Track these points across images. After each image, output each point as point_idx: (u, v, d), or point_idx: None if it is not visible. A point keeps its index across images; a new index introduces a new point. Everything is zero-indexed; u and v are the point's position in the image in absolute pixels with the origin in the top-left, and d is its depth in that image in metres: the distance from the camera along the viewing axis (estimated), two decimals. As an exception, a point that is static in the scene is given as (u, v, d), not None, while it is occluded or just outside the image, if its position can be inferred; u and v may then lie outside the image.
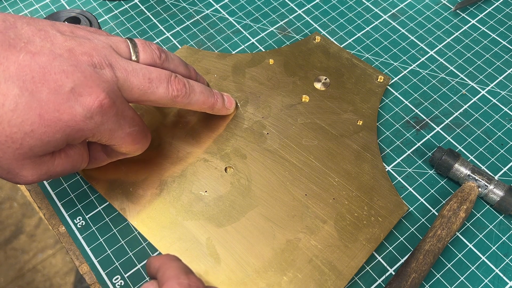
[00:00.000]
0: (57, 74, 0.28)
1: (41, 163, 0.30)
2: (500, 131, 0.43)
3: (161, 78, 0.34)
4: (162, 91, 0.34)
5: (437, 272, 0.36)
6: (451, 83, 0.46)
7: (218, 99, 0.39)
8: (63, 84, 0.28)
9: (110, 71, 0.31)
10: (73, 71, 0.29)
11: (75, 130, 0.29)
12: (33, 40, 0.29)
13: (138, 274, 0.36)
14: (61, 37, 0.30)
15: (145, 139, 0.35)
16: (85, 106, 0.29)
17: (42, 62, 0.28)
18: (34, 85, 0.27)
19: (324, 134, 0.41)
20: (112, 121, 0.31)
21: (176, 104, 0.36)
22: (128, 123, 0.32)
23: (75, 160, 0.33)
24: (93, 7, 0.53)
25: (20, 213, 1.13)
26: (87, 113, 0.29)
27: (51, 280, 1.05)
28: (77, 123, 0.29)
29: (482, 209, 0.39)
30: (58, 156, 0.31)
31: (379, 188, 0.38)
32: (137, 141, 0.34)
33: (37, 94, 0.27)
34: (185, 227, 0.37)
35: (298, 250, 0.36)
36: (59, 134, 0.28)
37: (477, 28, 0.50)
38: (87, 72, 0.29)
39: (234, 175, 0.39)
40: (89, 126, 0.29)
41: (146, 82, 0.33)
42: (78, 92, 0.29)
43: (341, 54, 0.47)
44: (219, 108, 0.40)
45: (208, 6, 0.53)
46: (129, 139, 0.33)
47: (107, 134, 0.31)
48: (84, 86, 0.29)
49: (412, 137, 0.43)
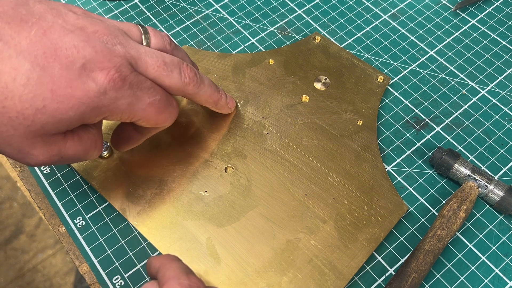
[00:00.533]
0: (68, 50, 0.28)
1: (53, 142, 0.29)
2: (500, 131, 0.43)
3: (174, 63, 0.33)
4: (176, 76, 0.33)
5: (437, 272, 0.36)
6: (451, 83, 0.46)
7: (223, 95, 0.39)
8: (74, 59, 0.28)
9: (122, 47, 0.30)
10: (84, 47, 0.28)
11: (89, 108, 0.28)
12: (45, 17, 0.28)
13: (138, 274, 0.36)
14: (73, 16, 0.30)
15: (171, 107, 0.34)
16: (97, 81, 0.28)
17: (53, 38, 0.28)
18: (45, 60, 0.27)
19: (324, 134, 0.41)
20: (128, 94, 0.30)
21: (186, 93, 0.35)
22: (147, 94, 0.31)
23: (88, 145, 0.32)
24: (93, 7, 0.53)
25: (20, 213, 1.13)
26: (100, 88, 0.28)
27: (51, 280, 1.05)
28: (91, 100, 0.28)
29: (482, 209, 0.39)
30: (71, 137, 0.30)
31: (379, 188, 0.38)
32: (161, 110, 0.33)
33: (48, 69, 0.27)
34: (185, 227, 0.37)
35: (298, 250, 0.36)
36: (73, 112, 0.28)
37: (477, 28, 0.50)
38: (98, 48, 0.29)
39: (234, 175, 0.39)
40: (104, 102, 0.29)
41: (161, 64, 0.32)
42: (90, 68, 0.28)
43: (341, 54, 0.47)
44: (222, 105, 0.40)
45: (208, 6, 0.53)
46: (152, 109, 0.32)
47: (126, 109, 0.30)
48: (96, 61, 0.28)
49: (412, 137, 0.43)
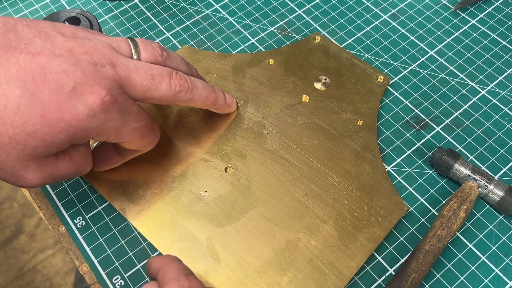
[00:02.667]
0: (57, 74, 0.28)
1: (45, 165, 0.30)
2: (500, 131, 0.43)
3: (163, 74, 0.34)
4: (165, 87, 0.33)
5: (437, 272, 0.36)
6: (451, 83, 0.46)
7: (220, 95, 0.39)
8: (64, 83, 0.28)
9: (111, 69, 0.30)
10: (74, 70, 0.29)
11: (78, 130, 0.29)
12: (34, 41, 0.29)
13: (138, 274, 0.36)
14: (61, 38, 0.30)
15: (153, 133, 0.35)
16: (87, 104, 0.29)
17: (42, 62, 0.28)
18: (35, 86, 0.27)
19: (324, 134, 0.41)
20: (117, 117, 0.30)
21: (179, 101, 0.35)
22: (134, 118, 0.32)
23: (79, 163, 0.33)
24: (93, 7, 0.53)
25: (20, 213, 1.13)
26: (90, 111, 0.29)
27: (51, 280, 1.05)
28: (80, 122, 0.29)
29: (482, 209, 0.39)
30: (62, 158, 0.31)
31: (379, 188, 0.38)
32: (144, 135, 0.34)
33: (38, 94, 0.27)
34: (185, 227, 0.37)
35: (298, 250, 0.36)
36: (62, 135, 0.28)
37: (477, 28, 0.50)
38: (87, 71, 0.29)
39: (234, 175, 0.39)
40: (92, 125, 0.29)
41: (149, 79, 0.32)
42: (80, 91, 0.28)
43: (341, 54, 0.47)
44: (222, 104, 0.40)
45: (208, 6, 0.53)
46: (136, 134, 0.33)
47: (113, 131, 0.31)
48: (85, 84, 0.29)
49: (412, 137, 0.43)
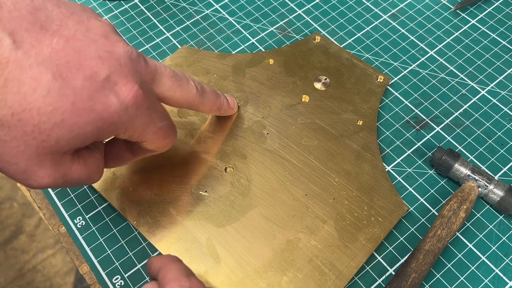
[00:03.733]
0: (93, 60, 0.26)
1: (61, 163, 0.28)
2: (500, 131, 0.43)
3: (182, 74, 0.34)
4: (185, 85, 0.33)
5: (437, 272, 0.36)
6: (451, 83, 0.46)
7: (225, 100, 0.40)
8: (98, 70, 0.27)
9: (144, 61, 0.30)
10: (109, 58, 0.27)
11: (107, 123, 0.27)
12: (67, 23, 0.27)
13: (138, 274, 0.36)
14: (95, 22, 0.28)
15: (174, 134, 0.34)
16: (120, 96, 0.27)
17: (77, 47, 0.26)
18: (69, 71, 0.26)
19: (324, 134, 0.41)
20: (146, 114, 0.29)
21: (193, 102, 0.35)
22: (159, 117, 0.31)
23: (92, 169, 0.31)
24: (93, 7, 0.53)
25: (20, 213, 1.13)
26: (122, 104, 0.27)
27: (51, 280, 1.05)
28: (110, 115, 0.27)
29: (482, 209, 0.39)
30: (77, 161, 0.29)
31: (379, 188, 0.38)
32: (167, 135, 0.33)
33: (71, 80, 0.26)
34: (185, 227, 0.37)
35: (298, 250, 0.36)
36: (90, 127, 0.27)
37: (477, 28, 0.50)
38: (122, 60, 0.28)
39: (234, 175, 0.39)
40: (122, 119, 0.28)
41: (173, 74, 0.32)
42: (113, 81, 0.27)
43: (341, 54, 0.47)
44: (226, 109, 0.40)
45: (208, 6, 0.53)
46: (160, 133, 0.32)
47: (140, 128, 0.30)
48: (120, 74, 0.27)
49: (412, 137, 0.43)
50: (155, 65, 0.31)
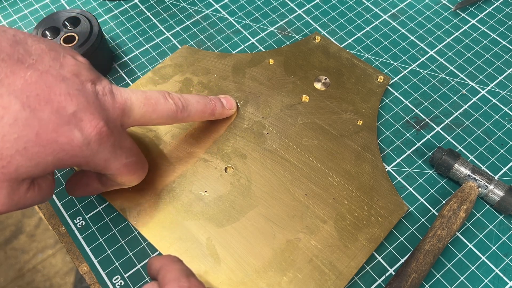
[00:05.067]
0: (62, 96, 0.28)
1: (16, 192, 0.28)
2: (500, 131, 0.43)
3: (156, 95, 0.34)
4: (161, 106, 0.34)
5: (437, 272, 0.36)
6: (451, 83, 0.46)
7: (217, 104, 0.40)
8: (66, 106, 0.28)
9: (111, 98, 0.31)
10: (78, 95, 0.28)
11: (68, 155, 0.28)
12: (43, 59, 0.28)
13: (138, 274, 0.36)
14: (71, 60, 0.30)
15: (142, 170, 0.35)
16: (84, 131, 0.28)
17: (49, 82, 0.28)
18: (37, 103, 0.27)
19: (324, 134, 0.41)
20: (109, 150, 0.30)
21: (177, 118, 0.36)
22: (125, 154, 0.32)
23: (45, 193, 0.31)
24: (93, 7, 0.53)
25: (20, 213, 1.13)
26: (85, 139, 0.28)
27: (51, 280, 1.05)
28: (73, 148, 0.28)
29: (482, 209, 0.39)
30: (32, 188, 0.30)
31: (379, 188, 0.38)
32: (132, 172, 0.34)
33: (38, 112, 0.27)
34: (185, 227, 0.37)
35: (298, 250, 0.36)
36: (51, 157, 0.28)
37: (477, 28, 0.50)
38: (90, 98, 0.29)
39: (234, 175, 0.39)
40: (84, 153, 0.29)
41: (145, 100, 0.33)
42: (79, 117, 0.28)
43: (341, 54, 0.47)
44: (220, 112, 0.40)
45: (208, 6, 0.53)
46: (125, 170, 0.33)
47: (102, 163, 0.31)
48: (86, 111, 0.29)
49: (412, 137, 0.43)
50: (124, 99, 0.32)
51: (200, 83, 0.44)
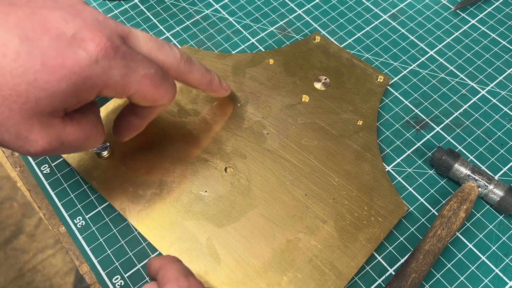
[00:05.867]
0: (58, 22, 0.28)
1: (51, 125, 0.28)
2: (500, 131, 0.43)
3: (163, 41, 0.34)
4: (166, 49, 0.33)
5: (437, 272, 0.36)
6: (451, 83, 0.46)
7: (215, 76, 0.39)
8: (64, 30, 0.28)
9: (113, 22, 0.30)
10: (74, 19, 0.28)
11: (81, 78, 0.28)
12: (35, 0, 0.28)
13: (138, 274, 0.36)
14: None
15: (167, 83, 0.33)
16: (88, 50, 0.28)
17: (42, 14, 0.28)
18: (35, 34, 0.27)
19: (324, 134, 0.41)
20: (121, 64, 0.29)
21: (180, 71, 0.35)
22: (141, 66, 0.31)
23: (88, 130, 0.31)
24: (93, 7, 0.53)
25: (20, 213, 1.13)
26: (91, 57, 0.28)
27: (51, 280, 1.05)
28: (82, 69, 0.28)
29: (482, 209, 0.39)
30: (70, 122, 0.30)
31: (379, 188, 0.38)
32: (157, 83, 0.32)
33: (38, 41, 0.27)
34: (185, 227, 0.37)
35: (298, 250, 0.36)
36: (64, 83, 0.27)
37: (477, 28, 0.50)
38: (88, 19, 0.29)
39: (234, 175, 0.39)
40: (96, 72, 0.28)
41: (152, 38, 0.32)
42: (80, 37, 0.28)
43: (341, 54, 0.47)
44: (217, 86, 0.39)
45: (208, 6, 0.53)
46: (147, 82, 0.31)
47: (120, 80, 0.30)
48: (86, 31, 0.28)
49: (412, 137, 0.43)
50: (129, 27, 0.31)
51: (200, 83, 0.44)
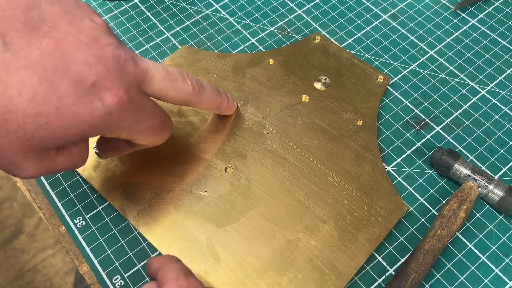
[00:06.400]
0: (80, 65, 0.27)
1: (45, 158, 0.28)
2: (500, 131, 0.43)
3: (177, 73, 0.33)
4: (179, 85, 0.33)
5: (437, 272, 0.36)
6: (451, 83, 0.46)
7: (225, 99, 0.40)
8: (85, 76, 0.27)
9: (133, 64, 0.30)
10: (97, 63, 0.27)
11: (91, 126, 0.28)
12: (58, 24, 0.27)
13: (138, 274, 0.36)
14: (88, 23, 0.28)
15: (166, 129, 0.34)
16: (104, 101, 0.27)
17: (66, 51, 0.26)
18: (55, 76, 0.26)
19: (324, 134, 0.41)
20: (131, 117, 0.30)
21: (189, 102, 0.35)
22: (148, 116, 0.31)
23: (77, 158, 0.31)
24: (93, 7, 0.53)
25: (20, 213, 1.13)
26: (106, 109, 0.28)
27: (51, 280, 1.05)
28: (94, 119, 0.27)
29: (482, 209, 0.39)
30: (62, 153, 0.30)
31: (379, 188, 0.38)
32: (157, 132, 0.33)
33: (57, 85, 0.26)
34: (185, 227, 0.37)
35: (298, 250, 0.36)
36: (74, 129, 0.27)
37: (477, 28, 0.50)
38: (110, 65, 0.28)
39: (234, 175, 0.39)
40: (106, 123, 0.28)
41: (166, 74, 0.32)
42: (99, 86, 0.27)
43: (341, 54, 0.47)
44: (225, 108, 0.40)
45: (208, 6, 0.53)
46: (149, 132, 0.32)
47: (126, 130, 0.30)
48: (106, 79, 0.28)
49: (412, 137, 0.43)
50: (146, 67, 0.31)
51: (200, 83, 0.44)
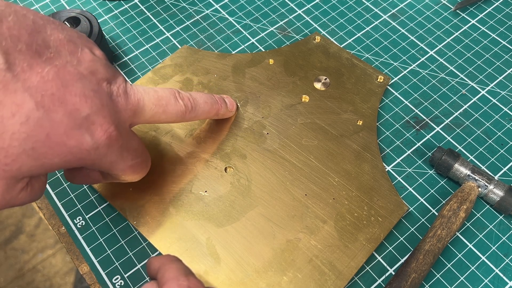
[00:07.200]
0: (77, 97, 0.27)
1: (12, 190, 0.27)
2: (500, 131, 0.43)
3: (167, 95, 0.34)
4: (171, 108, 0.34)
5: (437, 272, 0.36)
6: (451, 83, 0.46)
7: (222, 105, 0.40)
8: (80, 108, 0.27)
9: (124, 99, 0.30)
10: (93, 97, 0.28)
11: (76, 158, 0.28)
12: (60, 52, 0.27)
13: (138, 274, 0.36)
14: (89, 55, 0.29)
15: (145, 169, 0.35)
16: (94, 136, 0.28)
17: (65, 80, 0.27)
18: (51, 103, 0.26)
19: (324, 134, 0.41)
20: (116, 154, 0.30)
21: (184, 119, 0.35)
22: (131, 156, 0.32)
23: (36, 193, 0.30)
24: (93, 7, 0.53)
25: (20, 213, 1.13)
26: (94, 143, 0.28)
27: (51, 280, 1.05)
28: (80, 151, 0.28)
29: (482, 209, 0.39)
30: (25, 188, 0.29)
31: (379, 188, 0.38)
32: (137, 171, 0.33)
33: (52, 113, 0.26)
34: (185, 227, 0.37)
35: (298, 250, 0.36)
36: (58, 159, 0.27)
37: (477, 28, 0.50)
38: (104, 100, 0.28)
39: (234, 175, 0.39)
40: (92, 157, 0.28)
41: (157, 101, 0.33)
42: (92, 120, 0.28)
43: (341, 54, 0.47)
44: (224, 113, 0.40)
45: (208, 6, 0.53)
46: (129, 170, 0.32)
47: (108, 165, 0.30)
48: (99, 114, 0.28)
49: (412, 137, 0.43)
50: (137, 100, 0.31)
51: (200, 83, 0.44)
